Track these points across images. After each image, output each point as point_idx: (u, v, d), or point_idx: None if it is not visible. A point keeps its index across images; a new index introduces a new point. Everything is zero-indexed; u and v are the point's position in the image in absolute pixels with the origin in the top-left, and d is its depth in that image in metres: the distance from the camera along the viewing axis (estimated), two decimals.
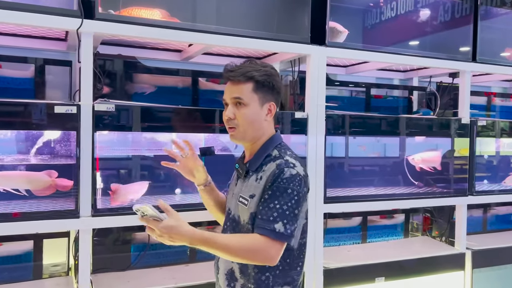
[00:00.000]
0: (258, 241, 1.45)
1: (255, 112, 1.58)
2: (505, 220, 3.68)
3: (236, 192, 1.64)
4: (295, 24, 2.42)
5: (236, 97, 1.57)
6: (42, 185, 2.01)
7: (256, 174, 1.58)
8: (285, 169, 1.51)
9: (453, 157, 2.98)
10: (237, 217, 1.60)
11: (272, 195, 1.49)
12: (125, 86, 2.44)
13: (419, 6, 2.79)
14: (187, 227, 1.43)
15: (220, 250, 1.44)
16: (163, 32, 2.10)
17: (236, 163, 1.69)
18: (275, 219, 1.46)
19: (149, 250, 2.44)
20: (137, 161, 2.36)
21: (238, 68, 1.58)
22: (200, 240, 1.43)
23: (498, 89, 4.14)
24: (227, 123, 1.61)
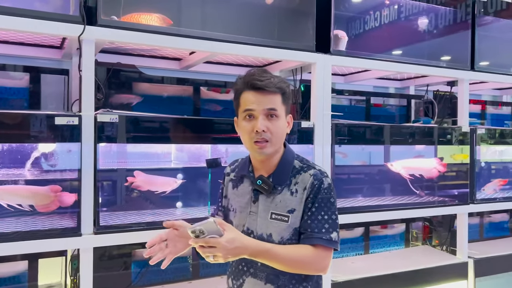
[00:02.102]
0: (315, 252, 1.45)
1: (284, 125, 1.52)
2: (501, 228, 3.69)
3: (261, 209, 1.52)
4: (300, 32, 2.38)
5: (272, 108, 1.47)
6: (45, 200, 1.87)
7: (288, 188, 1.51)
8: (323, 179, 1.50)
9: (449, 165, 2.97)
10: (267, 236, 1.50)
11: (318, 207, 1.48)
12: (125, 96, 2.34)
13: (418, 15, 2.79)
14: (247, 237, 1.44)
15: (279, 262, 1.43)
16: (168, 39, 2.02)
17: (258, 179, 1.54)
18: (328, 230, 1.46)
19: (151, 267, 2.33)
20: None
21: (266, 78, 1.48)
22: (262, 251, 1.41)
23: (488, 97, 4.20)
24: (256, 135, 1.47)
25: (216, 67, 2.73)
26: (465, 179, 2.96)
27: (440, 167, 2.90)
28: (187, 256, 2.44)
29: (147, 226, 2.02)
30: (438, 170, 2.91)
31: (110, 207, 2.06)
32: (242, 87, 1.51)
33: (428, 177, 2.90)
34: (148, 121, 2.02)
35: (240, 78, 1.53)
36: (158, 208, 2.24)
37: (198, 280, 2.43)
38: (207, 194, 2.22)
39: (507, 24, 3.14)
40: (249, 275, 1.54)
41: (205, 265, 2.47)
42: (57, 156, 1.93)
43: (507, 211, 3.64)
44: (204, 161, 2.11)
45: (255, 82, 1.47)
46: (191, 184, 2.23)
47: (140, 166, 2.15)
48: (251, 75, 1.49)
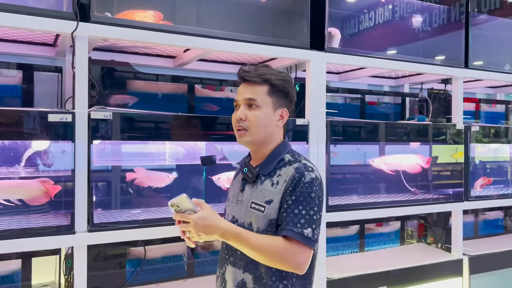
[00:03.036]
0: (287, 245, 1.42)
1: (267, 115, 1.52)
2: (495, 225, 3.71)
3: (245, 199, 1.55)
4: (294, 29, 2.37)
5: (250, 98, 1.52)
6: (35, 193, 1.86)
7: (270, 178, 1.52)
8: (305, 173, 1.47)
9: (437, 163, 2.98)
10: (247, 225, 1.52)
11: (296, 200, 1.45)
12: (119, 93, 2.33)
13: (412, 14, 2.80)
14: (221, 219, 1.46)
15: (251, 248, 1.42)
16: (162, 36, 2.01)
17: (245, 167, 1.59)
18: (303, 225, 1.42)
19: (145, 266, 2.32)
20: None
21: (254, 69, 1.53)
22: (233, 234, 1.43)
23: (482, 95, 4.22)
24: (236, 123, 1.54)
25: (210, 65, 2.73)
26: (460, 177, 2.97)
27: (422, 162, 2.89)
28: (182, 255, 2.43)
29: (141, 224, 2.01)
30: (421, 165, 2.90)
31: (104, 205, 2.05)
32: (238, 81, 1.59)
33: (411, 173, 2.89)
34: (142, 119, 2.01)
35: None
36: (152, 206, 2.23)
37: (193, 278, 2.42)
38: (202, 191, 2.21)
39: (500, 23, 3.15)
40: (229, 263, 1.56)
41: (200, 264, 2.46)
42: (51, 154, 1.92)
43: (502, 208, 3.66)
44: (198, 159, 2.10)
45: (240, 73, 1.54)
46: (186, 182, 2.22)
47: (135, 164, 2.14)
48: (240, 68, 1.55)
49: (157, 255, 2.38)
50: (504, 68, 3.15)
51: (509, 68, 3.17)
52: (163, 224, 2.04)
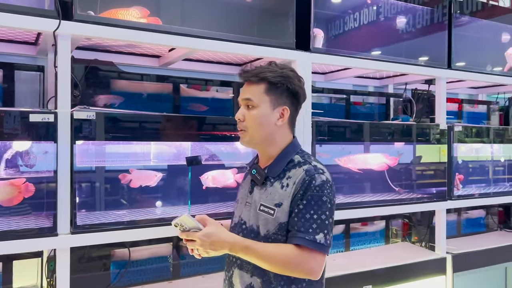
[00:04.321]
0: (298, 252, 1.38)
1: (265, 114, 1.49)
2: (477, 223, 3.77)
3: (254, 200, 1.51)
4: (280, 29, 2.37)
5: (247, 98, 1.50)
6: (8, 195, 1.82)
7: (280, 181, 1.48)
8: (315, 175, 1.43)
9: (421, 163, 3.02)
10: (256, 228, 1.48)
11: (307, 204, 1.40)
12: (103, 93, 2.29)
13: (397, 15, 2.83)
14: (227, 233, 1.44)
15: (261, 259, 1.39)
16: (147, 35, 1.99)
17: (253, 168, 1.55)
18: (315, 230, 1.38)
19: (130, 267, 2.29)
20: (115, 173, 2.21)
21: (253, 69, 1.51)
22: (241, 247, 1.40)
23: (465, 96, 4.28)
24: (237, 125, 1.54)
25: (196, 64, 2.71)
26: (443, 176, 3.01)
27: (389, 161, 2.91)
28: (167, 256, 2.41)
29: (126, 225, 1.98)
30: (388, 164, 2.91)
31: (88, 206, 2.02)
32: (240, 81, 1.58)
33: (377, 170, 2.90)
34: (126, 119, 1.98)
35: None
36: (137, 207, 2.20)
37: (179, 280, 2.40)
38: (187, 192, 2.19)
39: (482, 24, 3.20)
40: (236, 267, 1.53)
41: (185, 265, 2.44)
42: (32, 154, 1.88)
43: (484, 207, 3.72)
44: (184, 159, 2.08)
45: (239, 74, 1.54)
46: (171, 183, 2.20)
47: (119, 165, 2.11)
48: (241, 69, 1.54)
49: (142, 257, 2.35)
50: (485, 69, 3.20)
51: (490, 69, 3.22)
52: (149, 226, 2.02)
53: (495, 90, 4.01)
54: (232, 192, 2.37)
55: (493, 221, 3.83)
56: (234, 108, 2.71)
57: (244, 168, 2.44)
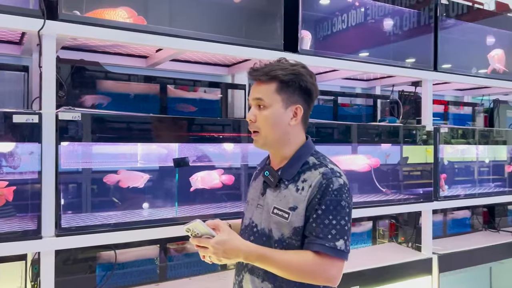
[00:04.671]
0: (318, 259, 1.32)
1: (277, 114, 1.42)
2: (463, 224, 3.81)
3: (267, 203, 1.46)
4: (268, 31, 2.37)
5: (258, 97, 1.43)
6: None
7: (295, 183, 1.42)
8: (333, 179, 1.38)
9: (408, 164, 3.04)
10: (268, 231, 1.43)
11: (325, 210, 1.35)
12: (89, 94, 2.27)
13: (384, 18, 2.85)
14: (241, 241, 1.37)
15: (278, 268, 1.34)
16: (134, 36, 1.97)
17: (265, 170, 1.49)
18: (334, 237, 1.33)
19: (116, 270, 2.26)
20: (101, 174, 2.19)
21: (263, 67, 1.44)
22: (257, 256, 1.34)
23: (451, 97, 4.33)
24: (249, 126, 1.47)
25: (184, 65, 2.70)
26: (429, 177, 3.04)
27: (371, 162, 2.92)
28: (154, 258, 2.39)
29: (112, 227, 1.96)
30: (370, 165, 2.93)
31: (74, 208, 2.00)
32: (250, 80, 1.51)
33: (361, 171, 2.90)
34: (112, 120, 1.96)
35: None
36: (124, 209, 2.18)
37: (166, 282, 2.38)
38: (174, 194, 2.18)
39: (467, 27, 3.24)
40: (247, 271, 1.48)
41: (172, 267, 2.42)
42: (16, 156, 1.85)
43: (469, 207, 3.77)
44: (171, 161, 2.07)
45: (249, 73, 1.47)
46: (158, 184, 2.19)
47: (105, 166, 2.09)
48: (251, 67, 1.47)
49: (129, 259, 2.33)
50: (471, 71, 3.24)
51: (475, 72, 3.26)
52: (135, 228, 2.00)
53: (480, 92, 4.06)
54: (219, 193, 2.36)
55: (478, 221, 3.88)
56: (222, 109, 2.70)
57: (232, 170, 2.44)
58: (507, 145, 3.62)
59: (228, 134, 2.30)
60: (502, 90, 3.75)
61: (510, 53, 3.41)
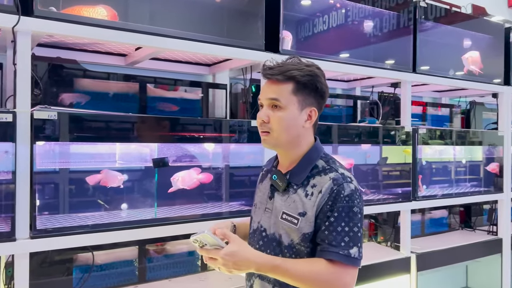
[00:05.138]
0: (331, 268, 1.30)
1: (293, 116, 1.37)
2: (440, 223, 3.88)
3: (275, 207, 1.42)
4: (249, 31, 2.37)
5: (273, 98, 1.37)
6: None
7: (304, 188, 1.39)
8: (344, 184, 1.34)
9: (387, 164, 3.08)
10: (278, 236, 1.40)
11: (338, 217, 1.32)
12: (66, 92, 2.21)
13: (364, 19, 2.87)
14: (252, 252, 1.32)
15: (292, 278, 1.30)
16: (111, 34, 1.93)
17: (273, 174, 1.45)
18: (347, 244, 1.31)
19: (94, 272, 2.22)
20: (78, 174, 2.15)
21: (278, 65, 1.39)
22: (271, 267, 1.29)
23: (429, 99, 4.40)
24: (260, 126, 1.41)
25: (164, 64, 2.66)
26: (408, 177, 3.08)
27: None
28: (133, 260, 2.35)
29: (90, 229, 1.92)
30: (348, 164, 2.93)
31: (50, 209, 1.95)
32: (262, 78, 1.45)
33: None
34: (89, 119, 1.93)
35: None
36: (102, 210, 2.14)
37: (145, 284, 2.35)
38: (154, 194, 2.15)
39: (445, 30, 3.30)
40: (257, 276, 1.45)
41: (152, 269, 2.39)
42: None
43: (446, 207, 3.84)
44: (151, 161, 2.05)
45: (263, 71, 1.41)
46: (137, 185, 2.15)
47: (83, 166, 2.05)
48: (264, 64, 1.42)
49: (107, 260, 2.29)
50: (448, 73, 3.30)
51: (453, 74, 3.32)
52: (113, 229, 1.96)
53: (457, 94, 4.15)
54: (200, 194, 2.34)
55: (455, 220, 3.95)
56: (203, 109, 2.68)
57: (213, 169, 2.42)
58: (483, 145, 3.70)
59: (209, 134, 2.29)
60: (478, 92, 3.83)
61: (486, 56, 3.48)
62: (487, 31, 3.57)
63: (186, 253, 2.52)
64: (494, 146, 3.71)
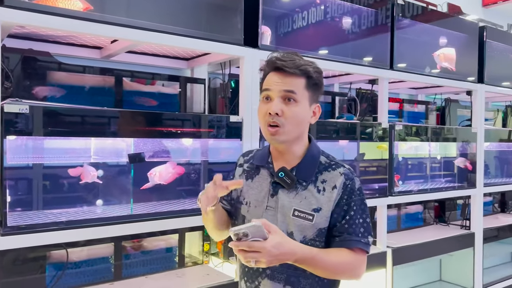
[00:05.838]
0: (355, 256, 1.38)
1: (304, 111, 1.39)
2: (415, 218, 3.96)
3: (282, 205, 1.41)
4: (228, 25, 2.34)
5: (290, 90, 1.36)
6: None
7: (314, 184, 1.41)
8: (354, 179, 1.43)
9: (364, 160, 3.11)
10: (288, 234, 1.39)
11: (356, 210, 1.40)
12: (37, 85, 2.15)
13: (343, 16, 2.88)
14: (294, 242, 1.32)
15: (323, 268, 1.34)
16: (85, 26, 1.88)
17: (280, 171, 1.42)
18: (363, 234, 1.40)
19: (68, 270, 2.17)
20: (52, 170, 2.09)
21: (289, 58, 1.38)
22: (309, 257, 1.30)
23: (406, 96, 4.47)
24: (268, 118, 1.37)
25: (141, 57, 2.62)
26: (385, 173, 3.12)
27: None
28: (109, 256, 2.31)
29: (64, 225, 1.88)
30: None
31: (21, 206, 1.89)
32: (267, 68, 1.42)
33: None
34: (63, 113, 1.87)
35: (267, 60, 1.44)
36: (76, 206, 2.09)
37: (121, 281, 2.31)
38: (130, 190, 2.11)
39: (422, 28, 3.35)
40: (265, 277, 1.43)
41: (128, 265, 2.36)
42: None
43: (421, 202, 3.91)
44: (126, 156, 2.01)
45: (276, 61, 1.38)
46: (113, 180, 2.11)
47: (56, 162, 1.99)
48: (275, 56, 1.40)
49: (82, 258, 2.24)
50: (424, 71, 3.35)
51: (429, 71, 3.38)
52: (88, 226, 1.93)
53: (433, 91, 4.22)
54: (178, 189, 2.31)
55: (430, 215, 4.03)
56: (181, 104, 2.65)
57: (191, 165, 2.40)
58: (457, 142, 3.78)
59: (187, 129, 2.26)
60: (453, 89, 3.91)
61: (461, 54, 3.55)
62: (462, 30, 3.64)
63: (164, 249, 2.49)
64: (467, 142, 3.79)
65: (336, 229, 1.40)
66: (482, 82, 3.76)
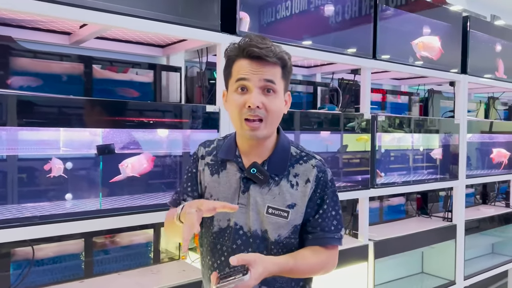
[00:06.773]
0: (329, 252, 1.35)
1: (282, 102, 1.32)
2: (398, 210, 3.93)
3: (255, 202, 1.33)
4: (204, 10, 2.23)
5: (270, 80, 1.25)
6: None
7: (287, 179, 1.34)
8: (326, 170, 1.38)
9: (346, 152, 3.05)
10: (261, 233, 1.32)
11: (329, 203, 1.36)
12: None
13: (326, 4, 2.80)
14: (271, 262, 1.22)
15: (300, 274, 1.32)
16: (50, 8, 1.75)
17: (252, 167, 1.32)
18: (336, 227, 1.37)
19: (35, 267, 2.06)
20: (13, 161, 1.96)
21: (266, 45, 1.25)
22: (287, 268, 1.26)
23: (388, 87, 4.42)
24: (247, 111, 1.25)
25: (113, 44, 2.48)
26: (367, 165, 3.06)
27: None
28: (79, 253, 2.20)
29: (28, 221, 1.76)
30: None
31: None
32: (236, 54, 1.28)
33: None
34: (25, 101, 1.75)
35: (234, 43, 1.30)
36: (44, 201, 1.98)
37: (92, 278, 2.20)
38: (99, 184, 2.00)
39: (405, 17, 3.28)
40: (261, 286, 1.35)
41: (99, 262, 2.25)
42: None
43: (404, 194, 3.88)
44: (95, 148, 1.90)
45: (252, 49, 1.24)
46: (81, 173, 2.00)
47: (19, 154, 1.87)
48: (249, 41, 1.26)
49: (49, 255, 2.13)
50: (408, 61, 3.29)
51: (412, 61, 3.32)
52: (54, 221, 1.81)
53: (416, 82, 4.17)
54: (150, 182, 2.22)
55: (412, 207, 4.01)
56: (156, 93, 2.53)
57: (166, 157, 2.30)
58: (440, 133, 3.75)
59: (161, 119, 2.15)
60: (436, 80, 3.87)
61: (445, 44, 3.50)
62: (446, 20, 3.58)
63: (138, 245, 2.39)
64: (450, 134, 3.76)
65: (309, 224, 1.36)
66: (465, 72, 3.72)
